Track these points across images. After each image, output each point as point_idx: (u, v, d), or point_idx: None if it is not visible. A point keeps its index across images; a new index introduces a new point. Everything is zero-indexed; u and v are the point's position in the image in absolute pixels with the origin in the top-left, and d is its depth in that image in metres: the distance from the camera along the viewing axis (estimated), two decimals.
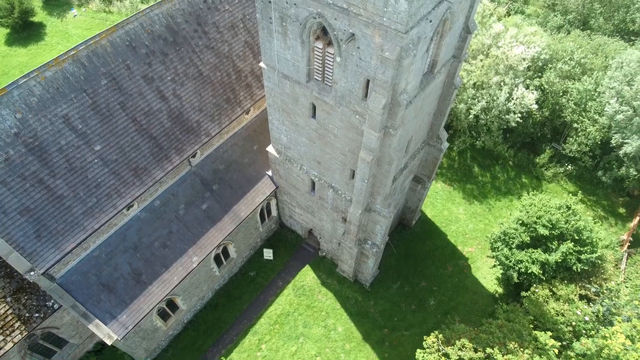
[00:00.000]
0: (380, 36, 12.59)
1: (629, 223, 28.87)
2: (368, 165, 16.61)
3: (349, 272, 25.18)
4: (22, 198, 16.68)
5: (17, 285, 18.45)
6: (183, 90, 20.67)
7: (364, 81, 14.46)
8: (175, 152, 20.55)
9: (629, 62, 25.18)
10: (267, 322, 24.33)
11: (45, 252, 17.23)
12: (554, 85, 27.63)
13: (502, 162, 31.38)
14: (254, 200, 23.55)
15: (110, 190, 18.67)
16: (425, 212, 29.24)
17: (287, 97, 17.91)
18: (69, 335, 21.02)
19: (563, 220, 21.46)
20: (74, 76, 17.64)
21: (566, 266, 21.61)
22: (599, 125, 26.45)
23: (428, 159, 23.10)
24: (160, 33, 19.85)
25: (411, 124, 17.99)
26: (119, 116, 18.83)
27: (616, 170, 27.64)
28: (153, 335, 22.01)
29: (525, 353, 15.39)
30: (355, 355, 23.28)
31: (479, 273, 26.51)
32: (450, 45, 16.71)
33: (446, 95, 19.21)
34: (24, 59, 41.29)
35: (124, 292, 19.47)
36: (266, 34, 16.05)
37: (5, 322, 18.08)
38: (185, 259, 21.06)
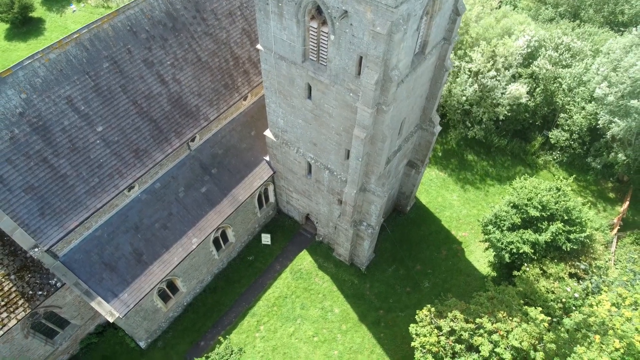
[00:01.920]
0: (371, 12, 13.19)
1: (619, 207, 29.54)
2: (362, 143, 17.19)
3: (345, 256, 25.72)
4: (26, 176, 17.18)
5: (20, 263, 18.91)
6: (182, 75, 21.22)
7: (357, 58, 15.06)
8: (175, 135, 21.08)
9: (615, 50, 25.89)
10: (265, 304, 24.84)
11: (48, 229, 17.71)
12: (546, 71, 28.31)
13: (494, 150, 32.03)
14: (252, 184, 24.09)
15: (112, 171, 19.18)
16: (419, 199, 29.82)
17: (284, 78, 18.49)
18: (71, 316, 21.46)
19: (553, 202, 22.05)
20: (76, 59, 18.17)
21: (556, 246, 22.19)
22: (586, 112, 27.12)
23: (421, 143, 23.70)
24: (160, 19, 20.41)
25: (404, 104, 18.58)
26: (121, 99, 19.36)
27: (605, 156, 28.32)
28: (154, 316, 22.47)
29: (513, 321, 15.94)
30: (351, 336, 23.80)
31: (472, 256, 27.09)
32: (441, 26, 17.32)
33: (437, 77, 19.83)
34: (23, 54, 41.64)
35: (126, 271, 19.96)
36: (263, 15, 16.64)
37: (9, 299, 18.52)
38: (185, 240, 21.57)
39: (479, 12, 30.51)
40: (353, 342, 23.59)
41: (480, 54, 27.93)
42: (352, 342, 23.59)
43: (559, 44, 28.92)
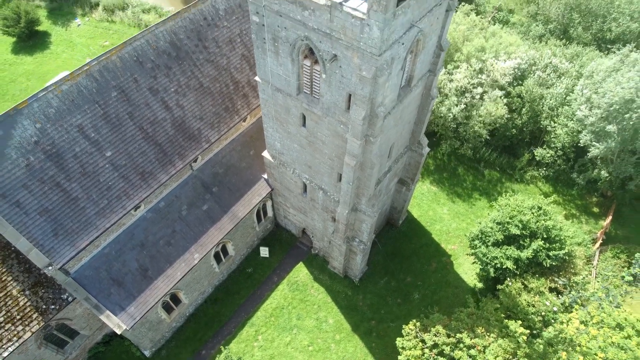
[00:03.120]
0: (358, 57, 14.51)
1: (603, 221, 30.81)
2: (352, 170, 18.51)
3: (340, 269, 27.04)
4: (41, 200, 18.52)
5: (35, 280, 20.25)
6: (185, 100, 22.56)
7: (346, 95, 16.38)
8: (179, 157, 22.42)
9: (598, 72, 27.18)
10: (263, 315, 26.17)
11: (61, 248, 19.06)
12: (531, 93, 29.63)
13: (484, 164, 33.33)
14: (251, 201, 25.42)
15: (120, 193, 20.52)
16: (411, 212, 31.13)
17: (280, 107, 19.82)
18: (81, 327, 22.81)
19: (534, 220, 23.37)
20: (87, 89, 19.51)
21: (537, 262, 23.55)
22: (569, 129, 28.43)
23: (411, 163, 25.02)
24: (164, 49, 21.74)
25: (392, 132, 19.90)
26: (128, 125, 20.70)
27: (589, 173, 29.60)
28: (158, 327, 23.82)
29: (490, 337, 17.26)
30: (344, 345, 25.13)
31: (460, 269, 28.39)
32: (425, 61, 18.64)
33: (424, 105, 21.14)
34: (30, 67, 43.06)
35: (132, 286, 21.30)
36: (260, 52, 17.97)
37: (24, 313, 19.87)
38: (187, 256, 22.91)
39: (466, 32, 31.70)
40: (346, 351, 24.92)
41: (464, 75, 29.22)
42: (345, 351, 24.92)
43: (547, 64, 30.20)
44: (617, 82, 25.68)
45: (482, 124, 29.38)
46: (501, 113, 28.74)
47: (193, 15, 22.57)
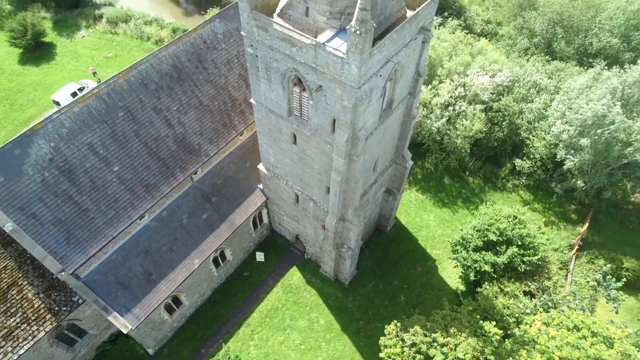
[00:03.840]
0: (340, 89, 16.34)
1: (580, 228, 32.64)
2: (338, 184, 20.35)
3: (330, 272, 28.87)
4: (55, 211, 20.36)
5: (48, 284, 22.08)
6: (186, 118, 24.39)
7: (331, 119, 18.22)
8: (180, 170, 24.26)
9: (572, 89, 29.02)
10: (258, 316, 28.00)
11: (73, 256, 20.90)
12: (510, 108, 31.47)
13: (469, 173, 35.17)
14: (247, 210, 27.25)
15: (126, 204, 22.36)
16: (399, 219, 32.96)
17: (273, 127, 21.66)
18: (89, 327, 24.64)
19: (510, 228, 25.23)
20: (96, 110, 21.35)
21: (512, 267, 25.41)
22: (546, 142, 30.27)
23: (396, 175, 26.86)
24: (167, 71, 23.58)
25: (375, 149, 21.74)
26: (133, 142, 22.54)
27: (566, 183, 31.43)
28: (160, 327, 25.65)
29: (462, 336, 19.08)
30: (334, 344, 26.96)
31: (444, 273, 30.23)
32: (405, 86, 20.48)
33: (406, 123, 22.98)
34: (36, 78, 44.85)
35: (137, 289, 23.13)
36: (255, 78, 19.80)
37: (38, 314, 21.69)
38: (188, 261, 24.73)
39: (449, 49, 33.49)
40: (336, 349, 26.76)
41: (447, 90, 31.05)
42: (335, 349, 26.76)
43: (528, 81, 32.03)
44: (589, 98, 27.52)
45: (463, 137, 31.20)
46: (479, 127, 30.57)
47: (193, 39, 24.41)
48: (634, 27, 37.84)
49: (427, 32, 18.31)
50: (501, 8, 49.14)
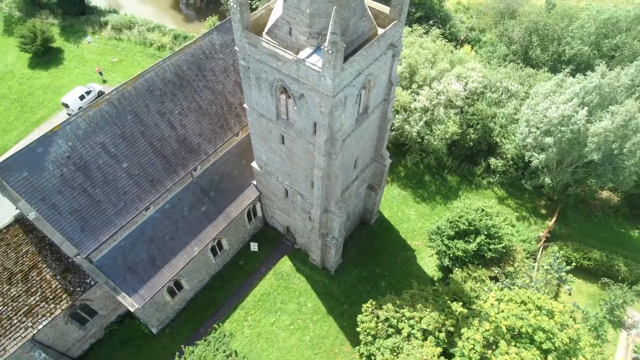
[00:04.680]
0: (318, 97, 19.19)
1: (549, 222, 35.50)
2: (320, 179, 23.19)
3: (318, 261, 31.71)
4: (72, 202, 23.21)
5: (64, 267, 24.91)
6: (187, 120, 27.24)
7: (312, 123, 21.05)
8: (181, 167, 27.11)
9: (538, 94, 31.89)
10: (252, 299, 30.84)
11: (87, 241, 23.75)
12: (483, 112, 34.35)
13: (448, 172, 38.04)
14: (242, 203, 30.09)
15: (134, 197, 25.21)
16: (383, 213, 35.81)
17: (264, 129, 24.52)
18: (99, 307, 27.46)
19: (478, 219, 28.12)
20: (108, 114, 24.20)
21: (480, 254, 28.28)
22: (516, 144, 33.15)
23: (377, 172, 29.72)
24: (170, 79, 26.43)
25: (354, 148, 24.59)
26: (140, 142, 25.39)
27: (535, 180, 34.31)
28: (163, 308, 28.47)
29: (426, 311, 21.91)
30: (320, 325, 29.80)
31: (422, 262, 33.08)
32: (379, 93, 23.33)
33: (383, 126, 25.83)
34: (46, 81, 47.66)
35: (143, 273, 25.97)
36: (247, 86, 22.65)
37: (55, 294, 24.52)
38: (188, 249, 27.57)
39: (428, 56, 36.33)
40: (322, 329, 29.60)
41: (426, 96, 33.92)
42: (321, 329, 29.60)
43: (499, 87, 34.92)
44: (552, 101, 30.38)
45: (440, 139, 34.08)
46: (454, 130, 33.44)
47: (194, 50, 27.27)
48: (603, 35, 40.71)
49: (395, 48, 21.16)
50: (485, 16, 52.09)
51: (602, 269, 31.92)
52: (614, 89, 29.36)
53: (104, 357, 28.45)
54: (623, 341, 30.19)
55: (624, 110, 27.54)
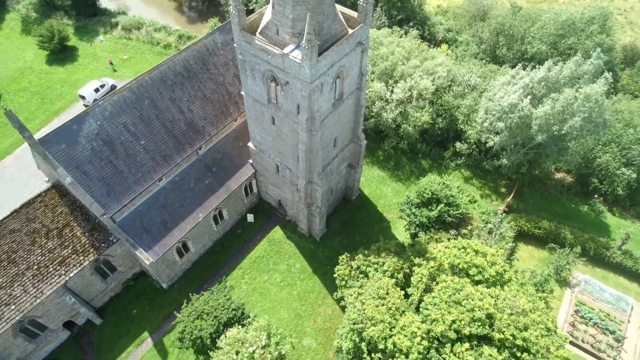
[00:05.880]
0: (300, 83, 24.30)
1: (507, 198, 40.68)
2: (304, 153, 28.30)
3: (305, 230, 36.81)
4: (99, 171, 28.27)
5: (92, 226, 29.94)
6: (194, 106, 32.32)
7: (296, 105, 26.16)
8: (189, 146, 32.19)
9: (495, 86, 37.06)
10: (249, 261, 35.93)
11: (112, 204, 28.81)
12: (449, 103, 39.53)
13: (421, 156, 43.21)
14: (240, 178, 35.19)
15: (149, 169, 30.28)
16: (363, 191, 40.94)
17: (257, 112, 29.63)
18: (119, 264, 32.49)
19: (439, 190, 33.26)
20: (129, 99, 29.29)
21: (442, 220, 33.40)
22: (477, 130, 38.32)
23: (354, 152, 34.86)
24: (179, 71, 31.52)
25: (333, 128, 29.70)
26: (155, 123, 30.47)
27: (495, 161, 39.48)
28: (172, 266, 33.53)
29: (388, 258, 27.04)
30: (306, 282, 34.89)
31: (395, 231, 38.20)
32: (352, 82, 28.45)
33: (357, 111, 30.96)
34: (62, 76, 52.71)
35: (156, 233, 31.02)
36: (244, 76, 27.77)
37: (84, 248, 29.55)
38: (194, 215, 32.63)
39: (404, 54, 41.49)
40: (307, 285, 34.70)
41: (401, 89, 39.09)
42: (307, 285, 34.69)
43: (462, 81, 40.12)
44: (505, 91, 35.55)
45: (413, 126, 39.24)
46: (426, 119, 38.59)
47: (199, 47, 32.37)
48: (560, 36, 45.90)
49: (363, 45, 26.30)
50: (462, 18, 57.28)
51: (551, 236, 37.05)
52: (558, 81, 34.51)
53: (122, 308, 33.53)
54: (568, 297, 35.36)
55: (563, 98, 32.70)
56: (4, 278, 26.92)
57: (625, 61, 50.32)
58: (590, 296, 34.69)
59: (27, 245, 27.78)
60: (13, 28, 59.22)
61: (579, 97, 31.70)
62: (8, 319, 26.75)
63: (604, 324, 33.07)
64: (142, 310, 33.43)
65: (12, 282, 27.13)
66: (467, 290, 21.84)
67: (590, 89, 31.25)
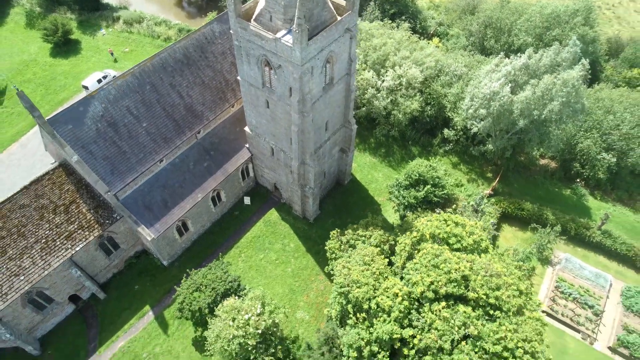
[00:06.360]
0: (291, 66, 26.07)
1: (493, 183, 42.48)
2: (296, 134, 30.09)
3: (300, 211, 38.60)
4: (104, 151, 30.06)
5: (96, 203, 31.72)
6: (193, 92, 34.10)
7: (288, 88, 27.94)
8: (188, 129, 33.97)
9: (480, 74, 38.85)
10: (245, 241, 37.72)
11: (115, 182, 30.60)
12: (437, 92, 41.35)
13: (411, 143, 45.01)
14: (237, 161, 36.97)
15: (151, 150, 32.06)
16: (355, 176, 42.73)
17: (253, 96, 31.41)
18: (121, 241, 34.27)
19: (426, 172, 35.07)
20: (132, 84, 31.07)
21: (428, 200, 35.21)
22: (463, 116, 40.12)
23: (346, 136, 36.66)
24: (179, 58, 33.30)
25: (324, 112, 31.48)
26: (156, 107, 32.25)
27: (481, 147, 41.28)
28: (173, 244, 35.31)
29: (375, 232, 28.88)
30: (300, 260, 36.68)
31: (385, 213, 39.99)
32: (342, 68, 30.23)
33: (347, 96, 32.74)
34: (66, 68, 54.46)
35: (157, 212, 32.79)
36: (240, 62, 29.55)
37: (89, 224, 31.32)
38: (193, 195, 34.40)
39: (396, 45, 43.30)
40: (301, 263, 36.49)
41: (391, 77, 40.89)
42: (300, 263, 36.49)
43: (449, 71, 41.94)
44: (490, 79, 37.34)
45: (403, 114, 41.05)
46: (415, 107, 40.41)
47: (198, 36, 34.15)
48: (546, 28, 47.69)
49: (351, 32, 28.08)
50: (453, 12, 59.12)
51: (534, 217, 38.84)
52: (538, 68, 36.31)
53: (125, 284, 35.33)
54: (549, 275, 37.17)
55: (542, 83, 34.49)
56: (14, 250, 28.70)
57: (610, 53, 52.16)
58: (570, 273, 36.48)
59: (35, 219, 29.56)
60: (18, 22, 60.95)
61: (557, 82, 33.48)
62: (17, 289, 28.52)
63: (583, 299, 34.86)
64: (143, 285, 35.23)
65: (22, 254, 28.89)
66: (445, 255, 23.65)
67: (567, 74, 33.06)
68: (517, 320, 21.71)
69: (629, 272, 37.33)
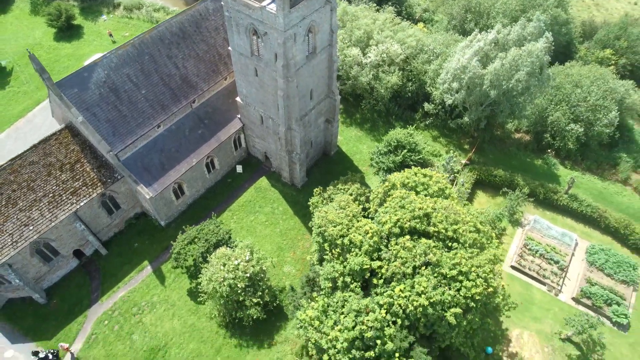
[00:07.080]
0: (275, 32, 28.94)
1: (469, 153, 45.37)
2: (282, 99, 32.95)
3: (288, 178, 41.46)
4: (106, 114, 32.92)
5: (99, 163, 34.53)
6: (188, 64, 36.96)
7: (274, 54, 30.78)
8: (184, 98, 36.83)
9: (455, 51, 41.74)
10: (237, 205, 40.58)
11: (117, 143, 33.45)
12: (417, 69, 44.27)
13: (395, 118, 47.91)
14: (229, 130, 39.82)
15: (149, 115, 34.92)
16: (341, 148, 45.61)
17: (242, 65, 34.28)
18: (122, 202, 37.10)
19: (403, 138, 37.98)
20: (132, 53, 33.93)
21: (406, 164, 38.10)
22: (440, 90, 43.02)
23: (330, 107, 39.54)
24: (176, 31, 36.16)
25: (309, 80, 34.34)
26: (154, 76, 35.10)
27: (459, 120, 44.17)
28: (170, 205, 38.14)
29: (352, 187, 31.82)
30: (288, 222, 39.53)
31: (369, 181, 42.84)
32: (324, 38, 33.10)
33: (330, 66, 35.60)
34: (69, 51, 57.30)
35: (155, 173, 35.62)
36: (231, 32, 32.42)
37: (93, 181, 34.13)
38: (188, 159, 37.25)
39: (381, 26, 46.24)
40: (289, 224, 39.35)
41: (374, 55, 43.80)
42: (288, 224, 39.35)
43: (429, 49, 44.88)
44: (463, 54, 40.24)
45: (385, 88, 43.96)
46: (395, 81, 43.32)
47: (193, 12, 37.04)
48: (521, 11, 50.57)
49: (331, 4, 30.97)
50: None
51: (505, 183, 41.74)
52: (507, 42, 39.24)
53: (125, 242, 38.18)
54: (519, 235, 40.04)
55: (510, 55, 37.38)
56: (24, 202, 31.53)
57: (584, 35, 55.09)
58: (538, 233, 39.38)
59: (44, 175, 32.39)
60: (23, 9, 63.80)
61: (522, 53, 36.39)
62: (27, 238, 31.33)
63: (549, 255, 37.76)
64: (142, 243, 38.09)
65: (31, 207, 31.72)
66: (411, 198, 26.55)
67: (532, 45, 35.97)
68: (472, 251, 24.58)
69: (595, 233, 40.23)
